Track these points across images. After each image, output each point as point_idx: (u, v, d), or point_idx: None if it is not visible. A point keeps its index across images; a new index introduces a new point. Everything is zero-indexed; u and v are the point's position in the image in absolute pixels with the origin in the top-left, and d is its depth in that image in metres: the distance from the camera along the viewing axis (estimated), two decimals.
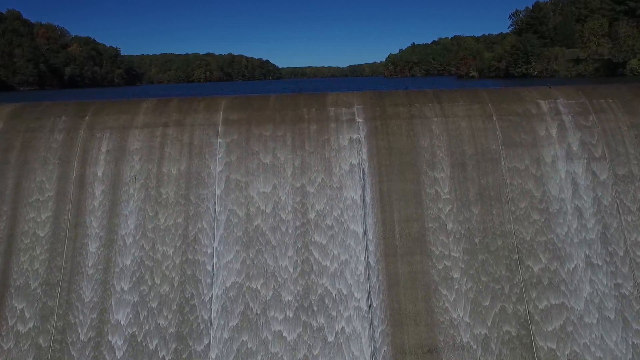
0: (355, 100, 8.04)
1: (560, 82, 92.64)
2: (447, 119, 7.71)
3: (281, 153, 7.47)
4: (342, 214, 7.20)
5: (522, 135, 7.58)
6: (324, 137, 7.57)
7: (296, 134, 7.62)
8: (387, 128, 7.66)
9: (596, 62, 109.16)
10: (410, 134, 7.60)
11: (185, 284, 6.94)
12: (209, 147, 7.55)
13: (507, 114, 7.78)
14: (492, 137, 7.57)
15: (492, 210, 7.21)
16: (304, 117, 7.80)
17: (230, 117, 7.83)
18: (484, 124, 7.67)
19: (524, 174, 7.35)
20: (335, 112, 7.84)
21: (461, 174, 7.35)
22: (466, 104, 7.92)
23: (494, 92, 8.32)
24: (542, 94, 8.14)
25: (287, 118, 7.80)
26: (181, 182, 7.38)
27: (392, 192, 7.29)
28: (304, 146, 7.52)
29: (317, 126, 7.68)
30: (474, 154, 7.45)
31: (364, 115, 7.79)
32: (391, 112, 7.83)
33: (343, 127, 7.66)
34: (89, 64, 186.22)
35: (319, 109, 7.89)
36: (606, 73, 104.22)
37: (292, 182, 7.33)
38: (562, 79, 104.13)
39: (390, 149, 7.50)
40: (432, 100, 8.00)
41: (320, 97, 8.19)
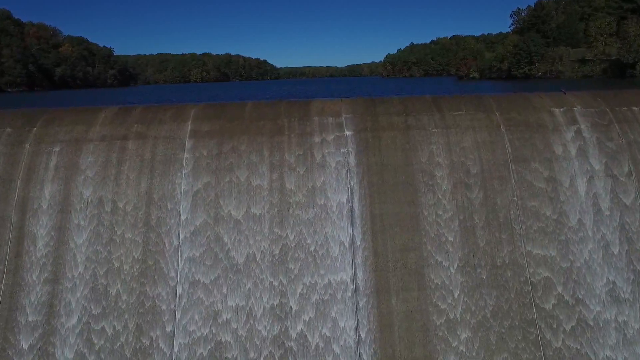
0: (344, 109, 7.14)
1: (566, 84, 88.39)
2: (448, 131, 6.81)
3: (257, 170, 6.57)
4: (327, 241, 6.29)
5: (535, 150, 6.69)
6: (306, 152, 6.67)
7: (275, 148, 6.72)
8: (379, 141, 6.76)
9: (604, 63, 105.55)
10: (406, 147, 6.70)
11: (141, 335, 6.02)
12: (174, 164, 6.65)
13: (517, 124, 6.89)
14: (500, 151, 6.68)
15: (502, 237, 6.31)
16: (284, 128, 6.90)
17: (200, 129, 6.92)
18: (490, 137, 6.78)
19: (538, 195, 6.45)
20: (321, 123, 6.94)
21: (465, 194, 6.46)
22: (470, 113, 7.03)
23: (502, 98, 7.43)
24: (556, 101, 7.25)
25: (265, 129, 6.90)
26: (140, 205, 6.46)
27: (385, 216, 6.39)
28: (284, 163, 6.61)
29: (299, 139, 6.78)
30: (480, 172, 6.56)
31: (353, 126, 6.90)
32: (384, 122, 6.94)
33: (329, 140, 6.77)
34: (81, 64, 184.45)
35: (301, 119, 7.00)
36: (615, 74, 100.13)
37: (269, 204, 6.43)
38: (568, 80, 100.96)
39: (383, 166, 6.60)
40: (431, 109, 7.11)
41: (304, 105, 7.29)
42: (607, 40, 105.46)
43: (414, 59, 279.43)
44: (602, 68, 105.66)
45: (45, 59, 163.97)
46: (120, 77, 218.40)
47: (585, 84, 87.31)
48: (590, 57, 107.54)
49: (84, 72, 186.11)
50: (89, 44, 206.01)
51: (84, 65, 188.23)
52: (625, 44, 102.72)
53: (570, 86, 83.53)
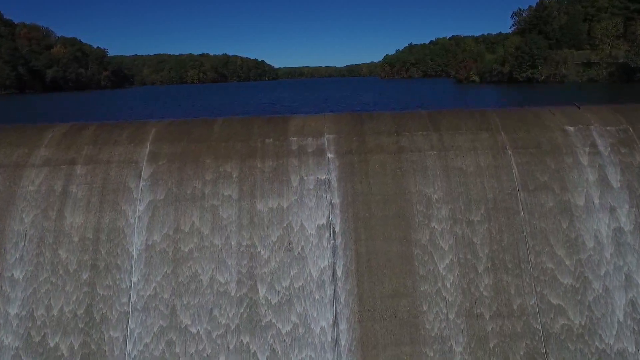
0: (327, 127, 6.29)
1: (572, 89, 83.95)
2: (446, 153, 5.97)
3: (224, 201, 5.71)
4: (304, 288, 5.43)
5: (546, 176, 5.84)
6: (282, 179, 5.82)
7: (246, 174, 5.86)
8: (367, 166, 5.91)
9: (610, 66, 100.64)
10: (397, 174, 5.85)
11: None
12: (127, 193, 5.79)
13: (526, 145, 6.05)
14: (506, 178, 5.84)
15: (509, 281, 5.46)
16: (256, 150, 6.05)
17: (160, 151, 6.07)
18: (495, 160, 5.94)
19: (552, 231, 5.61)
20: (299, 144, 6.09)
21: (466, 229, 5.61)
22: (471, 132, 6.19)
23: (507, 114, 6.59)
24: (570, 117, 6.42)
25: (235, 152, 6.05)
26: (87, 242, 5.60)
27: (373, 255, 5.54)
28: (255, 191, 5.76)
29: (274, 163, 5.93)
30: (483, 202, 5.71)
31: (336, 148, 6.05)
32: (373, 143, 6.09)
33: (309, 164, 5.92)
34: (73, 65, 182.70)
35: (277, 140, 6.15)
36: (622, 78, 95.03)
37: (237, 241, 5.58)
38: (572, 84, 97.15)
39: (371, 196, 5.75)
40: (427, 127, 6.26)
41: (281, 123, 6.44)
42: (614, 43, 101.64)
43: (412, 60, 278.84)
44: (608, 72, 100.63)
45: (37, 61, 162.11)
46: (114, 78, 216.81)
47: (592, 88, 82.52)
48: (595, 60, 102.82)
49: (76, 74, 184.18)
50: (82, 44, 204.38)
51: (76, 66, 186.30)
52: (633, 46, 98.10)
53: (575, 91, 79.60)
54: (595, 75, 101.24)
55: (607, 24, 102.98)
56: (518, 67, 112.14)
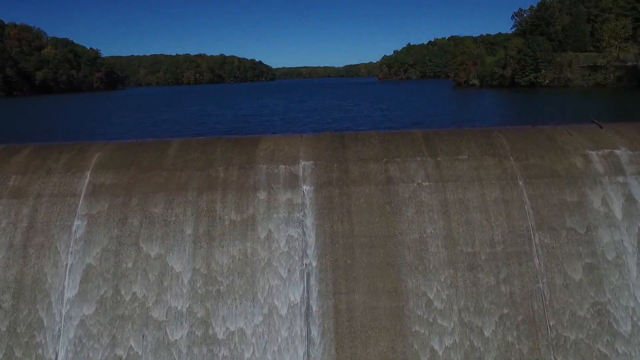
0: (302, 152, 5.36)
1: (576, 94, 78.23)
2: (445, 185, 5.04)
3: (175, 247, 4.77)
4: (271, 354, 4.48)
5: (566, 213, 4.92)
6: (246, 216, 4.88)
7: (203, 210, 4.92)
8: (349, 200, 4.98)
9: (618, 70, 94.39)
10: (385, 210, 4.92)
11: None
12: (60, 235, 4.84)
13: (540, 174, 5.13)
14: (517, 214, 4.91)
15: (521, 344, 4.53)
16: (217, 180, 5.12)
17: (101, 182, 5.13)
18: (504, 193, 5.01)
19: (574, 281, 4.68)
20: (269, 172, 5.15)
21: (469, 278, 4.68)
22: (474, 157, 5.27)
23: (516, 134, 5.66)
24: (591, 139, 5.50)
25: (192, 182, 5.11)
26: (7, 297, 4.65)
27: (356, 312, 4.60)
28: (214, 232, 4.82)
29: (238, 196, 4.99)
30: (489, 245, 4.78)
31: (313, 178, 5.11)
32: (357, 172, 5.16)
33: (279, 199, 4.98)
34: (64, 67, 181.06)
35: (242, 168, 5.21)
36: (631, 83, 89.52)
37: (191, 293, 4.63)
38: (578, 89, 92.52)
39: (354, 238, 4.81)
40: (422, 151, 5.34)
41: (248, 146, 5.51)
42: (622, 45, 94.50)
43: (411, 61, 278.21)
44: (616, 76, 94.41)
45: (26, 62, 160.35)
46: (107, 80, 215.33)
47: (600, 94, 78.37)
48: (602, 63, 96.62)
49: (67, 76, 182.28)
50: (74, 45, 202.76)
51: (67, 68, 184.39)
52: None
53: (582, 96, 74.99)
54: (602, 80, 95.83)
55: (615, 26, 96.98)
56: (520, 70, 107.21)
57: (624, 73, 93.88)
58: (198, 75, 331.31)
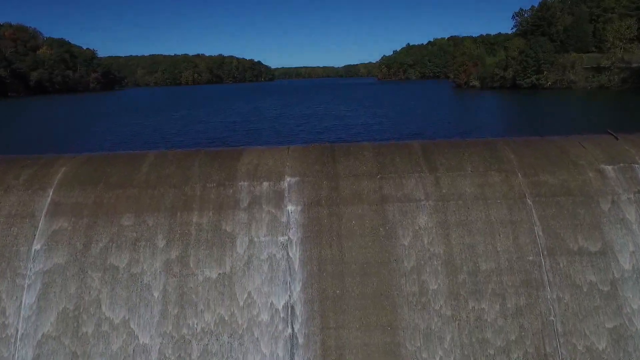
0: (289, 166, 4.90)
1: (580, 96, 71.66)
2: (445, 204, 4.58)
3: (145, 276, 4.30)
4: None
5: (580, 235, 4.46)
6: (224, 242, 4.42)
7: (176, 233, 4.45)
8: (339, 222, 4.51)
9: (623, 72, 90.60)
10: (378, 233, 4.45)
11: None
12: (16, 261, 4.37)
13: (551, 192, 4.67)
14: (526, 238, 4.44)
15: None
16: (193, 199, 4.65)
17: (65, 201, 4.66)
18: (511, 213, 4.55)
19: (590, 312, 4.21)
20: (251, 191, 4.69)
21: (473, 311, 4.21)
22: (478, 173, 4.80)
23: (523, 147, 5.20)
24: (607, 152, 5.04)
25: (165, 201, 4.64)
26: None
27: (346, 349, 4.13)
28: (188, 259, 4.35)
29: (215, 218, 4.53)
30: (495, 273, 4.32)
31: (300, 196, 4.65)
32: (348, 190, 4.69)
33: (262, 220, 4.52)
34: (60, 67, 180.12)
35: (222, 185, 4.74)
36: (637, 85, 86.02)
37: (160, 328, 4.17)
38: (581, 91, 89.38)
39: (344, 265, 4.35)
40: (420, 166, 4.87)
41: (229, 159, 5.04)
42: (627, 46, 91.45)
43: (410, 61, 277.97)
44: (621, 78, 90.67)
45: (21, 63, 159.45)
46: (103, 80, 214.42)
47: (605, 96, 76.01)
48: (606, 64, 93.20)
49: (63, 76, 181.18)
50: (70, 45, 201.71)
51: (63, 68, 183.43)
52: None
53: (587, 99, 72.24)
54: (607, 82, 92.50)
55: (620, 26, 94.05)
56: (522, 72, 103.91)
57: (629, 75, 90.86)
58: (196, 75, 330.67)
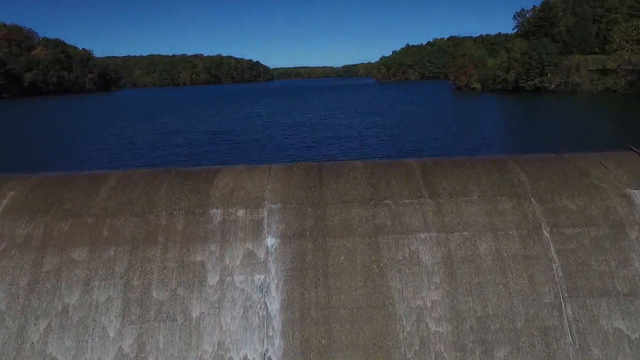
0: (269, 190, 4.32)
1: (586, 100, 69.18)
2: (449, 236, 3.99)
3: (100, 315, 3.71)
4: None
5: (606, 274, 3.87)
6: (191, 280, 3.83)
7: (136, 271, 3.87)
8: (325, 258, 3.93)
9: (630, 74, 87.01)
10: (371, 271, 3.87)
11: None
12: None
13: (571, 221, 4.08)
14: (543, 276, 3.86)
15: None
16: (158, 230, 4.06)
17: (8, 232, 4.07)
18: (525, 247, 3.96)
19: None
20: (224, 220, 4.10)
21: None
22: (486, 198, 4.22)
23: (537, 166, 4.62)
24: (632, 172, 4.48)
25: (124, 233, 4.05)
26: None
27: None
28: (149, 301, 3.76)
29: (182, 252, 3.94)
30: (507, 319, 3.74)
31: (281, 226, 4.07)
32: (337, 218, 4.11)
33: (236, 255, 3.93)
34: (55, 68, 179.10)
35: (191, 213, 4.16)
36: None
37: None
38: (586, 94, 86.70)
39: (331, 309, 3.76)
40: (419, 190, 4.30)
41: (202, 180, 4.46)
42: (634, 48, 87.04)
43: (409, 62, 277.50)
44: (628, 80, 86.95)
45: (15, 63, 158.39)
46: (99, 81, 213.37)
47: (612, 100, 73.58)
48: (613, 66, 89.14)
49: (58, 77, 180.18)
50: (66, 46, 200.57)
51: (58, 69, 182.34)
52: None
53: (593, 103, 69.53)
54: (613, 85, 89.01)
55: (627, 27, 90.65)
56: (525, 74, 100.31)
57: (636, 77, 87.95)
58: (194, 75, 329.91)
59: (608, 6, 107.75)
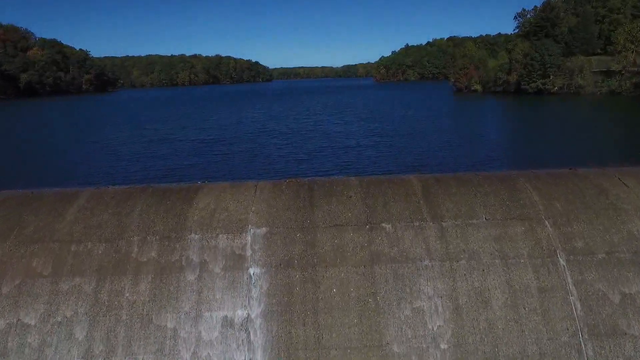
0: (254, 212, 3.92)
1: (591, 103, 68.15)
2: (454, 265, 3.60)
3: (65, 351, 3.31)
4: None
5: (631, 309, 3.47)
6: (164, 317, 3.42)
7: (102, 306, 3.46)
8: (315, 290, 3.53)
9: (635, 76, 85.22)
10: (367, 306, 3.47)
11: None
12: None
13: (590, 248, 3.69)
14: (559, 312, 3.46)
15: None
16: (128, 258, 3.66)
17: None
18: (538, 278, 3.57)
19: None
20: (203, 246, 3.70)
21: None
22: (495, 222, 3.83)
23: (550, 184, 4.22)
24: None
25: (91, 261, 3.65)
26: None
27: None
28: (116, 340, 3.36)
29: (155, 284, 3.54)
30: (521, 359, 3.33)
31: (266, 253, 3.67)
32: (328, 245, 3.71)
33: (214, 287, 3.53)
34: (51, 69, 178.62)
35: (166, 238, 3.76)
36: None
37: None
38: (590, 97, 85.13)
39: (321, 349, 3.36)
40: (420, 210, 3.91)
41: (180, 200, 4.06)
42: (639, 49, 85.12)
43: (409, 62, 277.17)
44: (633, 82, 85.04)
45: (10, 64, 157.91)
46: (96, 82, 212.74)
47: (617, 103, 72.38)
48: (617, 68, 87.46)
49: (54, 78, 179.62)
50: (63, 46, 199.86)
51: (54, 70, 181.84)
52: None
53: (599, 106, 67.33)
54: (617, 87, 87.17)
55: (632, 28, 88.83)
56: (527, 76, 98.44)
57: None
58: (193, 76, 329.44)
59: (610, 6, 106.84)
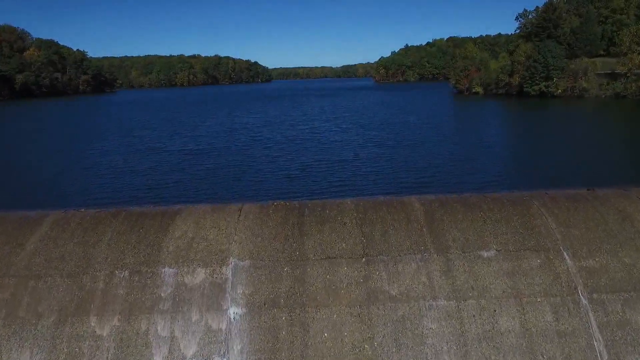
0: (236, 241, 3.51)
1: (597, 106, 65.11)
2: (461, 304, 3.20)
3: None
4: None
5: None
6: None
7: (61, 352, 3.07)
8: (304, 334, 3.12)
9: None
10: (364, 353, 3.06)
11: None
12: None
13: (614, 285, 3.29)
14: (581, 357, 3.06)
15: None
16: (93, 296, 3.26)
17: None
18: (557, 319, 3.17)
19: None
20: (177, 283, 3.30)
21: None
22: (507, 253, 3.43)
23: (567, 207, 3.81)
24: None
25: (51, 299, 3.24)
26: None
27: None
28: None
29: (122, 326, 3.14)
30: None
31: (249, 291, 3.26)
32: (319, 282, 3.30)
33: (189, 330, 3.12)
34: (48, 70, 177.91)
35: (137, 272, 3.35)
36: None
37: None
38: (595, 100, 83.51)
39: None
40: (423, 240, 3.50)
41: (155, 227, 3.65)
42: None
43: (408, 63, 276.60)
44: (638, 85, 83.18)
45: (6, 65, 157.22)
46: (94, 83, 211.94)
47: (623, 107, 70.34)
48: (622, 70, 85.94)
49: (51, 79, 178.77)
50: (60, 47, 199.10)
51: (51, 71, 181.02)
52: None
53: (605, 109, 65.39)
54: (622, 90, 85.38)
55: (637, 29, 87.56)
56: (530, 78, 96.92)
57: None
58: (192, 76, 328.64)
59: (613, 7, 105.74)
